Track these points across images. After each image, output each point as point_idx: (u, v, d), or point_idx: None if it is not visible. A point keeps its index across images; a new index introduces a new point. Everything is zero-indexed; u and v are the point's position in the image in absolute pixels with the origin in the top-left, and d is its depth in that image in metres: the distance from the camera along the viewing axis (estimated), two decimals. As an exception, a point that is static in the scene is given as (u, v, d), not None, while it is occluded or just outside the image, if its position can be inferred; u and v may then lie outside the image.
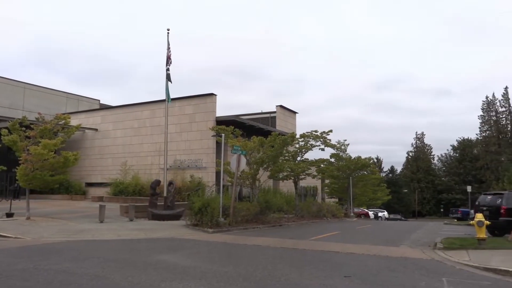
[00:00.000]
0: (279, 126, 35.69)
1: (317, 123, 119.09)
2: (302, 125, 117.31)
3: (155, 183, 19.90)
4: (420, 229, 20.81)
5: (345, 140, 34.91)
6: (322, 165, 29.11)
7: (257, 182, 20.89)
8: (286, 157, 24.11)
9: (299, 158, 24.84)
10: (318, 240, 13.33)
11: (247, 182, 20.93)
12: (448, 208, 70.75)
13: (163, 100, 22.73)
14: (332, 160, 33.60)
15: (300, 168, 23.66)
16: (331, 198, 41.37)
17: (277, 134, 21.41)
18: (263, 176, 21.75)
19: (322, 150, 25.11)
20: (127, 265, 7.75)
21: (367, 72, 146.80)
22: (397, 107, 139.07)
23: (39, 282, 6.16)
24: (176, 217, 18.75)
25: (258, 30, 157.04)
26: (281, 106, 38.38)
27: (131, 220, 17.57)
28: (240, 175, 19.41)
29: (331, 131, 24.13)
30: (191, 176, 26.48)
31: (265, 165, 21.10)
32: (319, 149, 24.83)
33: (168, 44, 20.76)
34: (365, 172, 38.34)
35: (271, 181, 28.30)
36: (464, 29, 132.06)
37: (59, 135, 18.52)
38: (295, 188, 25.62)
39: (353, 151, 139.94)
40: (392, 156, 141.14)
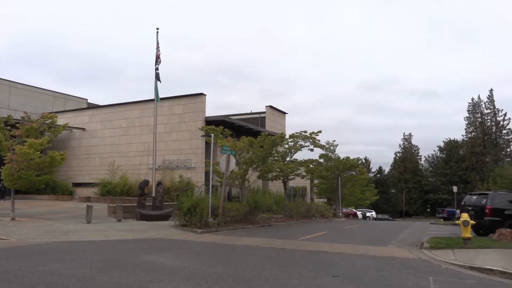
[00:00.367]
0: (269, 127, 35.74)
1: (307, 124, 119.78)
2: (292, 126, 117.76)
3: (144, 183, 19.76)
4: (407, 229, 21.04)
5: (334, 141, 35.14)
6: (311, 166, 29.26)
7: (247, 182, 20.89)
8: (276, 158, 24.17)
9: (288, 159, 24.92)
10: (307, 240, 13.39)
11: (237, 182, 20.92)
12: (435, 208, 71.73)
13: (152, 100, 22.59)
14: (321, 161, 33.80)
15: (289, 169, 23.74)
16: (320, 198, 41.59)
17: (267, 135, 21.45)
18: (253, 176, 21.76)
19: (311, 151, 25.24)
20: (115, 266, 7.68)
21: (357, 73, 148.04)
22: (386, 108, 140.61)
23: (25, 284, 6.06)
24: (165, 218, 18.65)
25: (249, 31, 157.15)
26: (271, 107, 38.44)
27: (119, 221, 17.42)
28: (230, 175, 19.38)
29: (320, 132, 24.27)
30: (180, 176, 26.36)
31: (255, 165, 21.12)
32: (308, 150, 24.95)
33: (157, 44, 20.66)
34: (354, 173, 38.69)
35: (261, 181, 28.36)
36: (451, 33, 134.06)
37: (46, 135, 18.25)
38: (284, 188, 25.69)
39: (342, 152, 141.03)
40: (380, 157, 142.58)
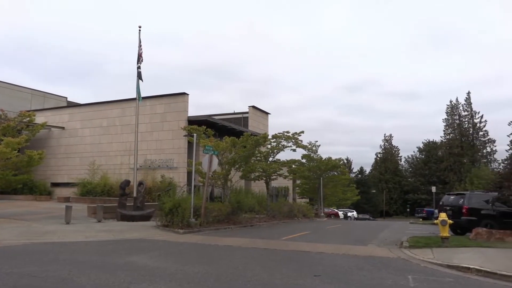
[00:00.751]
0: (252, 127, 35.76)
1: (289, 124, 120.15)
2: (275, 126, 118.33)
3: (125, 183, 19.49)
4: (387, 229, 21.37)
5: (316, 141, 35.53)
6: (294, 166, 29.42)
7: (229, 183, 20.86)
8: (258, 158, 24.20)
9: (271, 159, 24.99)
10: (289, 240, 13.45)
11: (219, 183, 20.86)
12: (414, 208, 73.16)
13: (134, 99, 22.29)
14: (304, 161, 34.03)
15: (272, 169, 23.81)
16: (302, 199, 41.87)
17: (249, 135, 21.45)
18: (235, 177, 21.74)
19: (294, 151, 25.36)
20: (95, 267, 7.55)
21: (339, 75, 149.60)
22: (367, 109, 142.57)
23: (1, 287, 5.91)
24: (146, 218, 18.45)
25: (233, 30, 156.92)
26: (254, 107, 38.47)
27: (99, 221, 17.14)
28: (212, 175, 19.32)
29: (303, 132, 24.42)
30: (162, 176, 26.11)
31: (237, 166, 21.10)
32: (291, 150, 25.06)
33: (140, 42, 20.41)
34: (335, 173, 39.09)
35: (243, 182, 28.31)
36: (432, 36, 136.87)
37: (23, 133, 17.84)
38: (267, 189, 25.75)
39: (324, 152, 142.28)
40: (362, 157, 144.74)
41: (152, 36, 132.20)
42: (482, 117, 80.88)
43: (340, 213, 45.60)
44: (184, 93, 28.93)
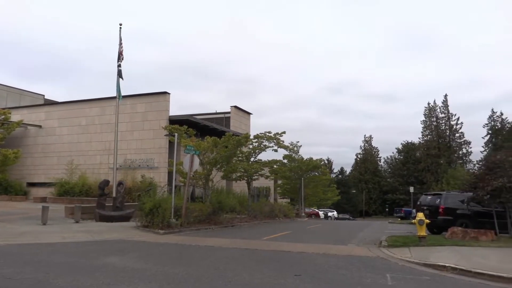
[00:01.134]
0: (233, 127, 35.72)
1: (271, 125, 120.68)
2: (257, 126, 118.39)
3: (104, 183, 19.19)
4: (367, 228, 21.70)
5: (298, 142, 35.79)
6: (275, 166, 29.52)
7: (210, 183, 20.78)
8: (240, 158, 24.20)
9: (253, 159, 25.02)
10: (270, 240, 13.50)
11: (200, 183, 20.76)
12: (393, 208, 74.49)
13: (114, 97, 21.95)
14: (285, 161, 34.22)
15: (254, 169, 23.84)
16: (283, 199, 42.09)
17: (231, 135, 21.43)
18: (216, 177, 21.67)
19: (275, 151, 25.48)
20: (72, 269, 7.41)
21: (321, 76, 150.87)
22: (348, 110, 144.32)
23: (-27, 289, 5.74)
24: (126, 219, 18.20)
25: (215, 30, 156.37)
26: (236, 107, 38.44)
27: (77, 222, 16.82)
28: (193, 176, 19.21)
29: (284, 133, 24.54)
30: (142, 176, 25.79)
31: (219, 166, 21.05)
32: (272, 150, 25.17)
33: (120, 40, 20.12)
34: (316, 173, 39.45)
35: (224, 182, 28.24)
36: (411, 40, 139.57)
37: (-2, 132, 17.33)
38: (248, 189, 25.76)
39: (305, 153, 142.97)
40: (342, 158, 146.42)
41: (134, 34, 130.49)
42: (459, 119, 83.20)
43: (321, 213, 46.04)
44: (166, 92, 28.68)
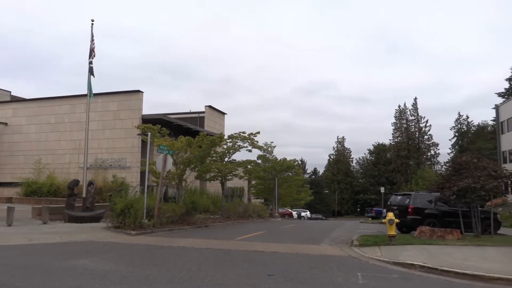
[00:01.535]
0: (208, 127, 35.53)
1: (246, 125, 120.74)
2: (231, 126, 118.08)
3: (73, 183, 18.68)
4: (339, 228, 22.04)
5: (272, 142, 35.95)
6: (249, 166, 29.56)
7: (184, 183, 20.59)
8: (214, 158, 24.08)
9: (227, 159, 24.96)
10: (244, 240, 13.50)
11: (173, 183, 20.54)
12: (364, 208, 75.98)
13: (85, 95, 21.42)
14: (259, 162, 34.35)
15: (228, 169, 23.78)
16: (257, 199, 42.18)
17: (205, 135, 21.30)
18: (190, 177, 21.50)
19: (250, 152, 25.52)
20: (39, 272, 7.17)
21: (295, 77, 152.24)
22: (322, 112, 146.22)
23: None
24: (96, 219, 17.78)
25: (191, 29, 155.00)
26: (210, 107, 38.25)
27: (45, 223, 16.29)
28: (166, 176, 18.97)
29: (259, 133, 24.61)
30: (114, 176, 25.27)
31: (192, 166, 20.88)
32: (247, 150, 25.19)
33: (92, 36, 19.64)
34: (290, 174, 39.77)
35: (198, 182, 28.06)
36: (383, 44, 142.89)
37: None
38: (222, 189, 25.67)
39: (280, 153, 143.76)
40: (316, 159, 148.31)
41: (106, 31, 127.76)
42: (427, 122, 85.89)
43: (294, 213, 46.44)
44: (139, 91, 28.23)
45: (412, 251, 10.50)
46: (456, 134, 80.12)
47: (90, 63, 19.58)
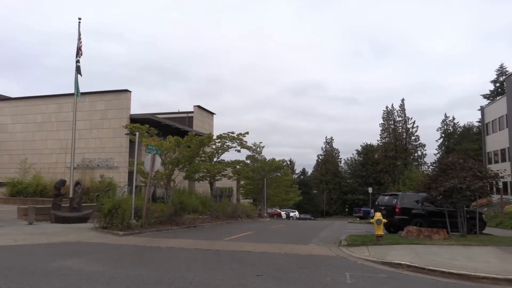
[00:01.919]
0: (196, 127, 35.40)
1: (235, 125, 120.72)
2: (220, 126, 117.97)
3: (60, 183, 18.42)
4: (328, 228, 22.16)
5: (261, 142, 35.94)
6: (238, 166, 29.56)
7: (172, 183, 20.48)
8: (203, 158, 24.01)
9: (216, 159, 24.91)
10: (232, 241, 13.49)
11: (162, 183, 20.42)
12: (352, 208, 76.53)
13: (72, 94, 21.15)
14: (248, 162, 34.33)
15: (216, 169, 23.73)
16: (246, 199, 42.16)
17: (194, 135, 21.22)
18: (179, 177, 21.39)
19: (238, 152, 25.51)
20: (24, 273, 7.06)
21: (285, 78, 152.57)
22: (311, 112, 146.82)
23: None
24: (83, 220, 17.57)
25: (180, 28, 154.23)
26: (199, 107, 38.11)
27: (31, 224, 16.03)
28: (155, 176, 18.85)
29: (247, 133, 24.62)
30: (101, 176, 25.00)
31: (181, 166, 20.77)
32: (235, 151, 25.18)
33: (79, 35, 19.38)
34: (279, 174, 39.85)
35: (187, 182, 27.95)
36: (370, 46, 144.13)
37: None
38: (211, 189, 25.61)
39: (268, 153, 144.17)
40: (304, 159, 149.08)
41: (94, 30, 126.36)
42: (414, 123, 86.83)
43: (283, 213, 46.53)
44: (127, 90, 27.99)
45: (400, 251, 10.61)
46: (443, 135, 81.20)
47: (77, 62, 19.32)
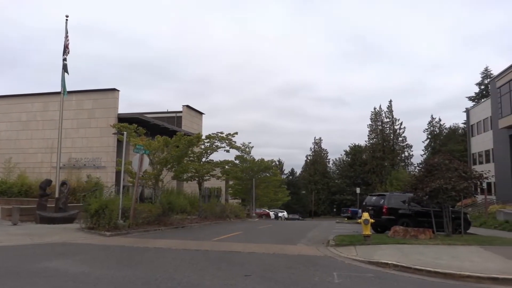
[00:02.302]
0: (185, 127, 35.24)
1: (224, 125, 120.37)
2: (209, 126, 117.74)
3: (46, 183, 18.17)
4: (316, 228, 22.27)
5: (250, 143, 35.97)
6: (227, 167, 29.51)
7: (160, 183, 20.36)
8: (191, 158, 23.92)
9: (204, 159, 24.84)
10: (221, 241, 13.46)
11: (150, 183, 20.28)
12: (340, 208, 77.04)
13: (58, 93, 20.87)
14: (237, 162, 34.29)
15: (205, 169, 23.67)
16: (235, 199, 42.14)
17: (183, 134, 21.13)
18: (167, 177, 21.27)
19: (227, 152, 25.49)
20: (8, 275, 6.93)
21: (274, 79, 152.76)
22: (300, 113, 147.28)
23: None
24: (69, 220, 17.36)
25: (168, 28, 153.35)
26: (188, 106, 37.96)
27: (15, 224, 15.79)
28: (143, 176, 18.72)
29: (237, 133, 24.61)
30: (88, 176, 24.70)
31: (169, 166, 20.66)
32: (224, 151, 25.15)
33: (66, 32, 19.15)
34: (268, 174, 39.89)
35: (175, 182, 27.81)
36: (358, 48, 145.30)
37: None
38: (199, 189, 25.54)
39: (257, 154, 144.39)
40: (293, 159, 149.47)
41: (81, 28, 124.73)
42: (402, 124, 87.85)
43: (271, 214, 46.63)
44: (115, 89, 27.73)
45: (387, 251, 10.71)
46: (429, 136, 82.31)
47: (64, 60, 19.08)
